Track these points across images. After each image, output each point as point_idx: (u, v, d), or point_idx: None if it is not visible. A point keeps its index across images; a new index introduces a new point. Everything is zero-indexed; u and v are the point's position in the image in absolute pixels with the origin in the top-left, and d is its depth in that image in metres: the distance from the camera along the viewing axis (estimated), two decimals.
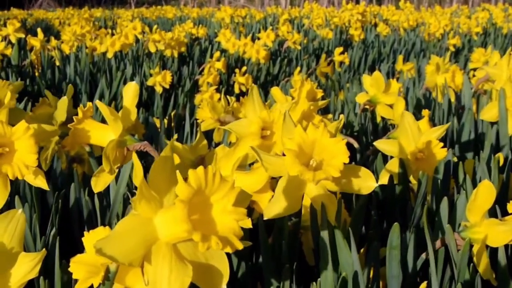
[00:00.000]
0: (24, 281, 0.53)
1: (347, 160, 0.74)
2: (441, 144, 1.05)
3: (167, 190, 0.52)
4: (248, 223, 0.74)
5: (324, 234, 0.78)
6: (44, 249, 0.56)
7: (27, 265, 0.54)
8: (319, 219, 0.91)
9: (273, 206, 0.75)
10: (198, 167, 0.49)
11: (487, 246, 0.82)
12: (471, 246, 0.83)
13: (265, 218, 0.75)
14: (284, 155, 0.77)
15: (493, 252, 0.88)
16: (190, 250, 0.51)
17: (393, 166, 1.08)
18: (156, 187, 0.51)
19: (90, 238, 0.63)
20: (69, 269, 0.61)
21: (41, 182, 0.86)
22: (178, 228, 0.47)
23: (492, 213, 0.88)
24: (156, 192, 0.51)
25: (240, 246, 0.49)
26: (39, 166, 0.88)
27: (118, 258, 0.47)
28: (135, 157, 0.54)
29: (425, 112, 1.42)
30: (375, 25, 5.97)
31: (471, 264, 0.82)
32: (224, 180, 0.51)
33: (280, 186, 0.76)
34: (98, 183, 0.91)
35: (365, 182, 0.80)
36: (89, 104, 0.93)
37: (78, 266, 0.61)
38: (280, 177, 0.78)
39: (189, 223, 0.47)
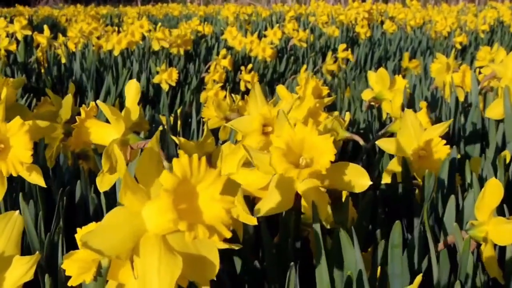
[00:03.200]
0: (19, 284, 0.53)
1: (333, 158, 0.74)
2: (444, 141, 1.03)
3: (155, 182, 0.51)
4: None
5: (317, 232, 0.77)
6: (38, 252, 0.55)
7: (21, 268, 0.53)
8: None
9: (266, 203, 0.76)
10: (181, 156, 0.48)
11: (495, 245, 0.82)
12: (479, 244, 0.82)
13: (259, 215, 0.75)
14: None
15: (501, 250, 0.87)
16: (180, 241, 0.50)
17: (395, 164, 1.08)
18: (144, 180, 0.51)
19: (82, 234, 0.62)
20: (62, 266, 0.60)
21: (37, 178, 0.86)
22: (163, 218, 0.46)
23: (500, 211, 0.88)
24: (144, 184, 0.50)
25: (228, 234, 0.47)
26: (38, 162, 0.87)
27: (105, 251, 0.46)
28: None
29: (423, 104, 1.40)
30: (382, 22, 5.95)
31: (473, 261, 0.81)
32: (210, 168, 0.49)
33: (273, 183, 0.77)
34: (104, 183, 0.91)
35: (358, 180, 0.79)
36: (92, 104, 0.93)
37: (70, 263, 0.60)
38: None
39: (175, 212, 0.45)
